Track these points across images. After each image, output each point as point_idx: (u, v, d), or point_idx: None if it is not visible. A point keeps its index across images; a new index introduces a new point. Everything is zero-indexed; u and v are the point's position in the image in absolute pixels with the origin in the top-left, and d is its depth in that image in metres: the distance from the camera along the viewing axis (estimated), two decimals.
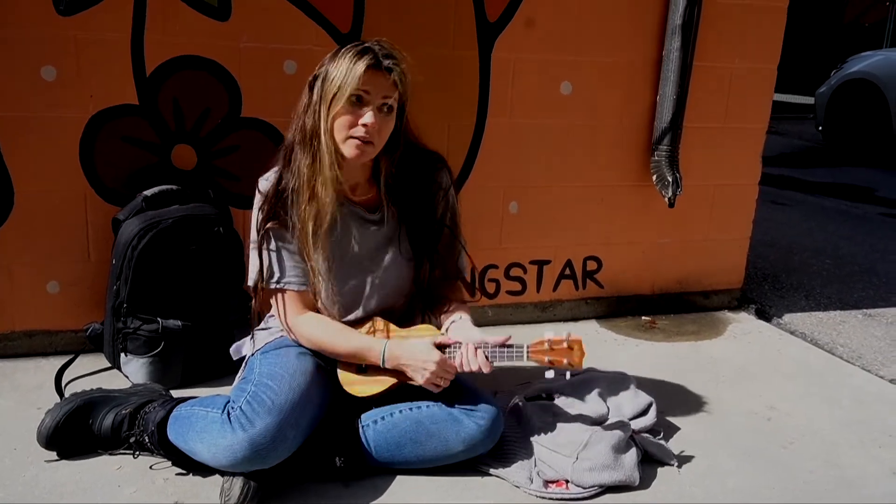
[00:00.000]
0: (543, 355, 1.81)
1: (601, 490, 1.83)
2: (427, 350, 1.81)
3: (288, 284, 1.86)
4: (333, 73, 1.74)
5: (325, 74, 1.76)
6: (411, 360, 1.82)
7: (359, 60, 1.72)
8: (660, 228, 3.00)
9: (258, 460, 1.69)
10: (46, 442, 1.84)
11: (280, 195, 1.83)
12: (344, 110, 1.74)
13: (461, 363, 1.79)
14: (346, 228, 1.88)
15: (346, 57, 1.74)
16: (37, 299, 2.35)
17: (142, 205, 2.23)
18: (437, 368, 1.79)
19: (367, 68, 1.72)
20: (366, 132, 1.75)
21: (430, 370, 1.79)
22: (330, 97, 1.74)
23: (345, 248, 1.89)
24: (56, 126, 2.25)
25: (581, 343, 1.82)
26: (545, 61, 2.67)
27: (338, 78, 1.72)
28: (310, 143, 1.78)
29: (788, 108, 10.62)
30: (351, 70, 1.71)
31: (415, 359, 1.81)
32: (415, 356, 1.81)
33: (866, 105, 7.14)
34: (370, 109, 1.75)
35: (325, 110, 1.75)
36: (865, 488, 1.94)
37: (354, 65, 1.72)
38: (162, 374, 2.21)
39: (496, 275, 2.83)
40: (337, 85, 1.72)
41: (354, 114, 1.75)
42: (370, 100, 1.75)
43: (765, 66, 2.96)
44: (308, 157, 1.78)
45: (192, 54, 2.32)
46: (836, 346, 2.87)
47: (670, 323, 3.03)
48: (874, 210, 5.33)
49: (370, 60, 1.72)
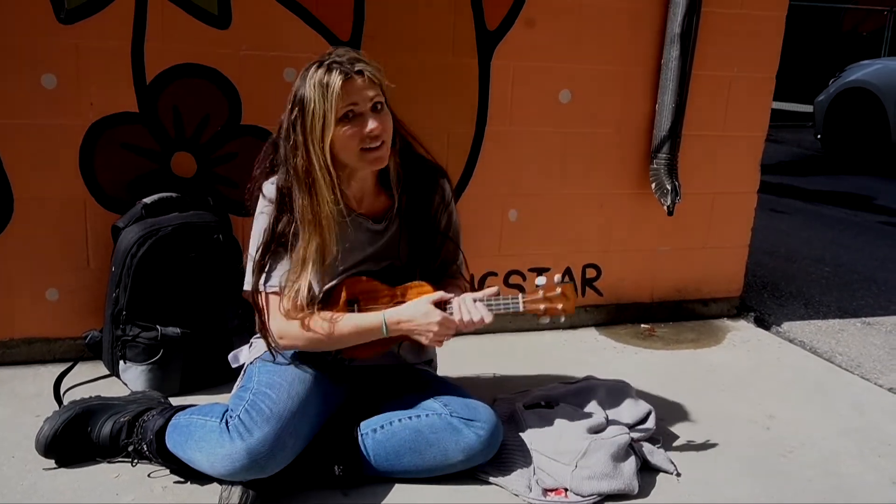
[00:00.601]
0: (538, 304, 1.82)
1: (600, 499, 1.83)
2: (427, 310, 1.79)
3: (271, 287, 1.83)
4: (310, 104, 1.71)
5: (303, 110, 1.72)
6: (413, 324, 1.80)
7: (330, 79, 1.69)
8: (659, 236, 3.00)
9: (256, 469, 1.69)
10: (45, 450, 1.83)
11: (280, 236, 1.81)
12: (341, 131, 1.73)
13: (461, 316, 1.79)
14: (345, 239, 1.86)
15: (315, 82, 1.70)
16: (36, 307, 2.35)
17: (141, 212, 2.23)
18: (439, 328, 1.78)
19: (342, 82, 1.70)
20: (375, 138, 1.75)
21: (433, 331, 1.79)
22: (319, 130, 1.71)
23: (343, 256, 1.86)
24: (56, 134, 2.25)
25: (573, 288, 1.84)
26: (544, 69, 2.68)
27: (318, 108, 1.70)
28: (305, 182, 1.75)
29: (787, 117, 10.63)
30: (327, 93, 1.69)
31: (417, 322, 1.79)
32: (416, 319, 1.79)
33: (865, 113, 7.16)
34: (367, 116, 1.74)
35: (315, 145, 1.72)
36: (864, 497, 1.93)
37: (327, 87, 1.69)
38: (161, 381, 2.21)
39: (495, 282, 2.83)
40: (321, 115, 1.70)
41: (354, 127, 1.74)
42: (361, 107, 1.74)
43: (763, 75, 2.97)
44: (306, 197, 1.75)
45: (192, 62, 2.33)
46: (836, 354, 2.87)
47: (669, 331, 3.03)
48: (873, 218, 5.33)
49: (341, 76, 1.70)
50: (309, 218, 1.76)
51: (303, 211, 1.76)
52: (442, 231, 1.98)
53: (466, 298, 1.80)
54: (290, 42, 2.39)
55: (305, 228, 1.77)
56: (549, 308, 1.82)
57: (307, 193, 1.75)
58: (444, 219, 1.99)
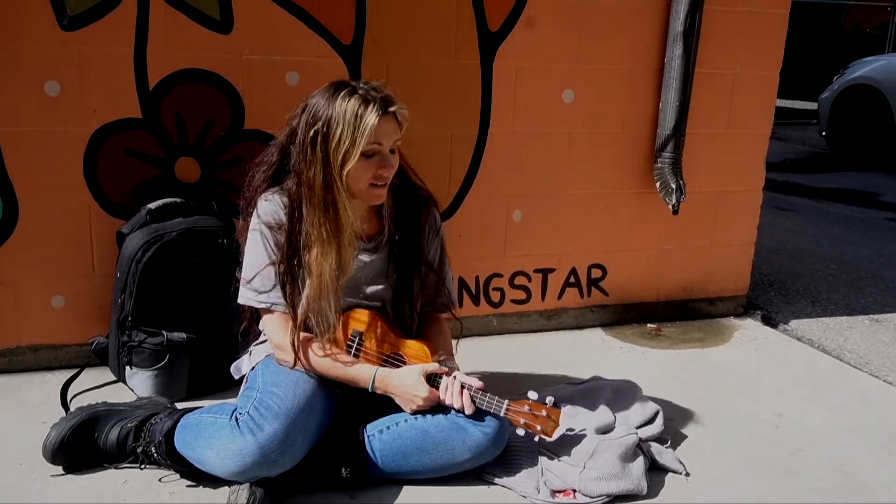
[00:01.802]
0: (520, 416, 1.83)
1: (609, 499, 1.82)
2: (416, 382, 1.83)
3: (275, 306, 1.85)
4: (337, 128, 1.70)
5: (328, 131, 1.71)
6: (400, 391, 1.84)
7: (366, 113, 1.70)
8: (664, 235, 2.99)
9: (267, 465, 1.69)
10: (52, 456, 1.83)
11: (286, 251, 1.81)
12: (361, 165, 1.74)
13: (445, 397, 1.82)
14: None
15: (348, 109, 1.70)
16: (42, 314, 2.35)
17: (146, 218, 2.24)
18: (423, 403, 1.82)
19: (377, 122, 1.71)
20: (385, 178, 1.79)
21: (417, 404, 1.82)
22: (341, 157, 1.72)
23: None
24: (60, 140, 2.26)
25: (560, 415, 1.84)
26: (547, 69, 2.68)
27: (346, 136, 1.70)
28: (323, 203, 1.75)
29: (791, 114, 10.60)
30: (361, 126, 1.69)
31: (404, 391, 1.83)
32: (403, 388, 1.83)
33: (869, 110, 7.14)
34: (386, 157, 1.77)
35: (335, 169, 1.73)
36: (875, 495, 1.92)
37: (361, 119, 1.69)
38: (167, 386, 2.21)
39: (501, 283, 2.83)
40: (348, 144, 1.70)
41: (371, 166, 1.76)
42: (384, 148, 1.76)
43: (767, 73, 2.96)
44: (322, 216, 1.76)
45: (194, 67, 2.33)
46: (844, 351, 2.85)
47: (676, 330, 3.02)
48: (879, 215, 5.31)
49: (377, 112, 1.71)
50: (326, 233, 1.76)
51: (318, 229, 1.76)
52: (429, 259, 2.00)
53: (456, 383, 1.82)
54: (292, 46, 2.39)
55: (321, 244, 1.77)
56: (528, 424, 1.82)
57: (323, 211, 1.76)
58: (434, 245, 2.02)
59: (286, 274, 1.82)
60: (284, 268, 1.82)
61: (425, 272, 2.00)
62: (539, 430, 1.81)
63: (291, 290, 1.82)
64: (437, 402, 1.83)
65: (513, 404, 1.83)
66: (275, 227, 1.82)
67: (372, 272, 1.93)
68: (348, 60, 2.46)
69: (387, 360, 1.90)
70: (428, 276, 2.01)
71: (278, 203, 1.82)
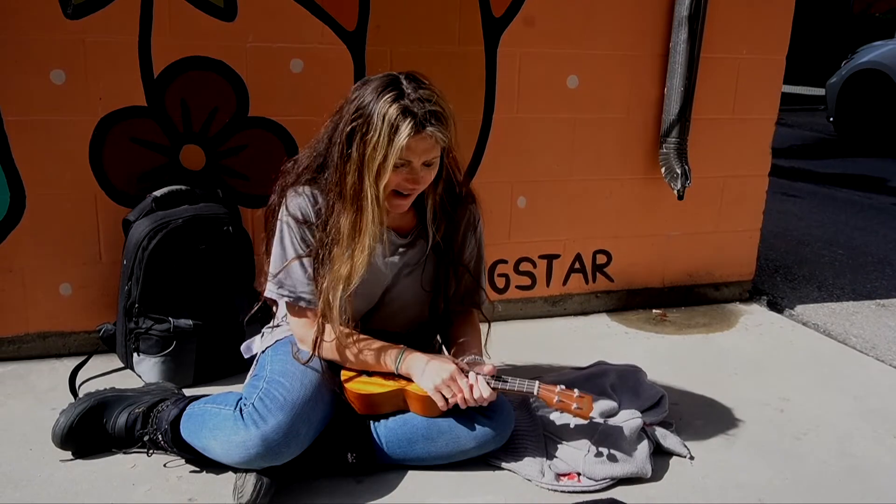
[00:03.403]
0: (553, 395, 1.80)
1: (613, 482, 1.83)
2: (443, 360, 1.81)
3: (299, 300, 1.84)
4: (374, 134, 1.66)
5: (365, 137, 1.68)
6: (426, 365, 1.80)
7: (400, 128, 1.65)
8: (669, 221, 2.99)
9: (271, 456, 1.70)
10: (61, 442, 1.85)
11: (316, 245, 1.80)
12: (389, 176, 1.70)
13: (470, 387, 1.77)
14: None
15: (384, 116, 1.66)
16: (50, 301, 2.37)
17: (151, 205, 2.25)
18: (448, 377, 1.77)
19: (410, 139, 1.66)
20: (409, 189, 1.76)
21: (442, 377, 1.77)
22: (376, 165, 1.68)
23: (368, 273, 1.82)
24: (66, 129, 2.27)
25: (592, 399, 1.82)
26: (551, 55, 2.67)
27: (381, 144, 1.66)
28: (352, 203, 1.74)
29: (799, 100, 10.55)
30: (393, 139, 1.65)
31: (430, 364, 1.80)
32: (430, 362, 1.80)
33: (877, 95, 7.08)
34: (414, 171, 1.73)
35: (370, 175, 1.70)
36: (880, 479, 1.92)
37: (396, 132, 1.65)
38: (174, 373, 2.23)
39: (506, 269, 2.83)
40: (382, 154, 1.66)
41: (399, 174, 1.72)
42: (413, 163, 1.72)
43: (773, 57, 2.94)
44: (350, 217, 1.74)
45: (198, 55, 2.33)
46: (850, 336, 2.85)
47: (681, 316, 3.02)
48: (887, 200, 5.28)
49: (411, 129, 1.65)
50: (348, 237, 1.75)
51: (343, 228, 1.75)
52: (466, 259, 1.98)
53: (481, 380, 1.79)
54: (296, 33, 2.39)
55: (342, 245, 1.75)
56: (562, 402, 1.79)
57: (351, 213, 1.74)
58: (470, 245, 1.99)
59: (311, 268, 1.81)
60: (310, 262, 1.81)
61: (461, 272, 1.97)
62: (574, 408, 1.78)
63: (315, 285, 1.81)
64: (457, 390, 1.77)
65: (544, 385, 1.82)
66: (301, 221, 1.80)
67: (404, 268, 1.91)
68: (352, 47, 2.45)
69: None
70: (463, 275, 1.98)
71: (308, 197, 1.80)
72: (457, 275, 1.96)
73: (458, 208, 1.94)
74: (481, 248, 2.03)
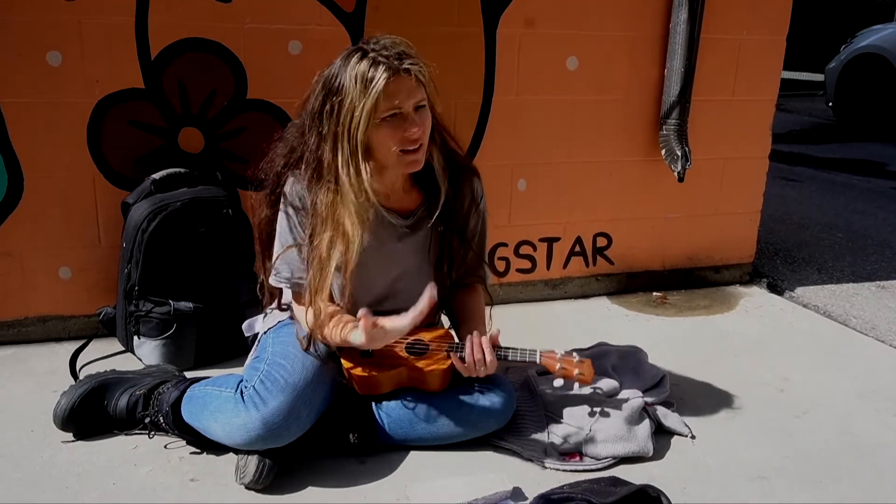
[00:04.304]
0: (555, 363, 1.80)
1: (615, 461, 1.83)
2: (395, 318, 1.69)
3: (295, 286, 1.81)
4: (347, 97, 1.61)
5: (339, 101, 1.63)
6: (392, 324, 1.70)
7: (375, 76, 1.59)
8: (669, 203, 2.98)
9: (272, 438, 1.70)
10: (62, 423, 1.85)
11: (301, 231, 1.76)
12: (384, 132, 1.65)
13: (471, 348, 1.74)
14: (375, 238, 1.80)
15: (358, 76, 1.60)
16: (50, 285, 2.36)
17: (150, 188, 2.24)
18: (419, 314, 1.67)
19: (387, 81, 1.60)
20: (414, 142, 1.68)
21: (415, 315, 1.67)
22: (353, 126, 1.62)
23: (369, 254, 1.79)
24: (63, 111, 2.25)
25: (591, 363, 1.82)
26: (551, 37, 2.65)
27: (356, 102, 1.60)
28: (328, 178, 1.69)
29: (798, 86, 10.52)
30: (371, 91, 1.59)
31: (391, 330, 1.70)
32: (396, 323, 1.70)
33: (877, 79, 7.06)
34: (409, 116, 1.66)
35: (345, 140, 1.64)
36: (880, 456, 1.93)
37: (370, 83, 1.59)
38: (175, 355, 2.22)
39: (506, 253, 2.82)
40: (359, 111, 1.60)
41: (396, 130, 1.66)
42: (404, 109, 1.65)
43: (773, 38, 2.93)
44: (328, 193, 1.69)
45: (196, 36, 2.31)
46: (850, 317, 2.85)
47: (681, 298, 3.02)
48: (886, 184, 5.28)
49: (386, 72, 1.60)
50: (329, 213, 1.70)
51: (320, 207, 1.70)
52: (469, 233, 1.93)
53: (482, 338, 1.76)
54: (294, 14, 2.37)
55: (327, 225, 1.71)
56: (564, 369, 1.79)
57: (330, 190, 1.69)
58: (474, 219, 1.93)
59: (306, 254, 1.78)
60: (306, 248, 1.77)
61: (465, 248, 1.92)
62: (577, 374, 1.78)
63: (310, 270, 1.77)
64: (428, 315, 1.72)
65: (545, 353, 1.81)
66: (299, 207, 1.76)
67: (412, 249, 1.87)
68: (350, 28, 2.44)
69: (410, 347, 1.84)
70: (468, 252, 1.94)
71: (304, 182, 1.76)
72: (463, 244, 1.91)
73: (461, 180, 1.89)
74: (485, 223, 1.98)
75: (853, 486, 1.80)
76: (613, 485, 1.67)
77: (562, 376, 1.80)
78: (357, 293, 1.80)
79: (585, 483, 1.69)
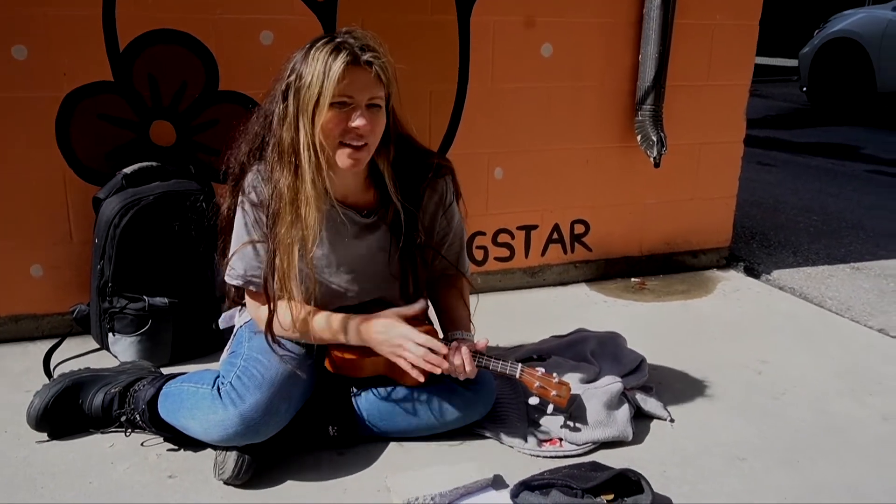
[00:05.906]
0: (534, 380, 1.79)
1: (595, 446, 1.84)
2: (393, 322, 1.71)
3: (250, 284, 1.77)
4: (308, 77, 1.60)
5: (299, 81, 1.62)
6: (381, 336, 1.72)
7: (335, 60, 1.59)
8: (646, 189, 2.99)
9: (250, 434, 1.68)
10: (36, 423, 1.82)
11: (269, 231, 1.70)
12: (330, 117, 1.62)
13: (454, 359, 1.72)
14: (333, 233, 1.77)
15: (319, 58, 1.59)
16: (21, 283, 2.32)
17: (122, 183, 2.20)
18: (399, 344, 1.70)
19: (346, 66, 1.58)
20: (358, 136, 1.64)
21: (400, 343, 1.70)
22: (311, 107, 1.60)
23: (330, 253, 1.79)
24: (30, 106, 2.21)
25: (570, 387, 1.81)
26: (524, 23, 2.64)
27: (315, 83, 1.59)
28: (288, 159, 1.65)
29: (772, 71, 10.60)
30: (328, 72, 1.58)
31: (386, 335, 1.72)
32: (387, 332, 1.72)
33: (850, 64, 7.13)
34: (359, 111, 1.63)
35: (305, 121, 1.62)
36: (856, 434, 1.95)
37: (331, 66, 1.58)
38: (151, 352, 2.20)
39: (484, 241, 2.82)
40: (316, 91, 1.58)
41: (342, 119, 1.62)
42: (356, 101, 1.62)
43: (746, 23, 2.94)
44: (288, 175, 1.66)
45: (165, 28, 2.28)
46: (825, 299, 2.88)
47: (659, 283, 3.03)
48: (860, 167, 5.34)
49: (347, 57, 1.58)
50: (290, 197, 1.66)
51: (282, 188, 1.66)
52: (436, 239, 1.90)
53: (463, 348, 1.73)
54: (265, 4, 2.34)
55: (285, 211, 1.66)
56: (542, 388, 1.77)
57: (289, 171, 1.66)
58: (443, 222, 1.89)
59: (263, 251, 1.73)
60: (263, 246, 1.73)
61: (429, 254, 1.89)
62: (553, 395, 1.77)
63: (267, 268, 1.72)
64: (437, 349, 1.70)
65: (527, 369, 1.80)
66: (256, 202, 1.72)
67: (374, 248, 1.83)
68: (323, 18, 2.41)
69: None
70: (435, 257, 1.91)
71: (261, 174, 1.73)
72: (423, 258, 1.88)
73: (424, 188, 1.83)
74: (459, 220, 1.94)
75: (830, 464, 1.82)
76: (594, 469, 1.67)
77: (538, 395, 1.79)
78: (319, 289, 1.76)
79: (566, 469, 1.69)
